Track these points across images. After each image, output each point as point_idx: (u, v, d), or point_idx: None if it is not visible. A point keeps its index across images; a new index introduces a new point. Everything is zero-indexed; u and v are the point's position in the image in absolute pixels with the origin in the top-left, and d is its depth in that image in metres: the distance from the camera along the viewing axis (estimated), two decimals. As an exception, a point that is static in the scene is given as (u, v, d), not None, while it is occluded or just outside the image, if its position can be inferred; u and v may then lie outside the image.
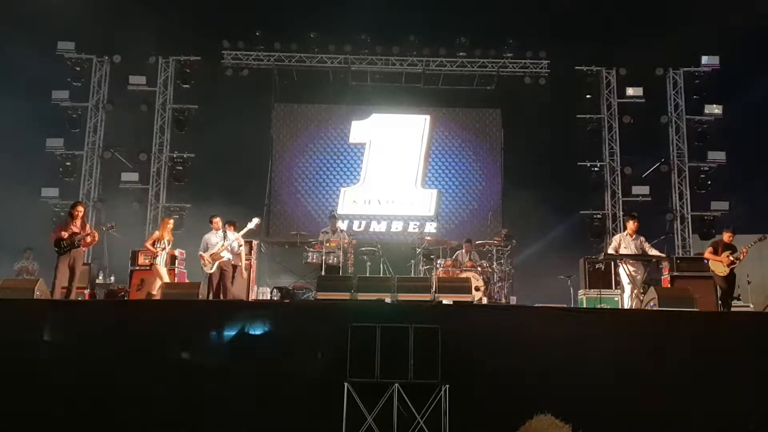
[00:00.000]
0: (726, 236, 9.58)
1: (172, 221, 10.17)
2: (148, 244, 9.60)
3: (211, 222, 9.69)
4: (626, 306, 9.32)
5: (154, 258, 9.52)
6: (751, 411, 6.73)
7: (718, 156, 14.15)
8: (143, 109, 14.46)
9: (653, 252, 9.65)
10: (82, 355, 6.86)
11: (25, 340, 6.93)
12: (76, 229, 8.80)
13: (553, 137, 14.27)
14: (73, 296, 8.74)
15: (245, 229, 9.65)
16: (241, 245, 9.75)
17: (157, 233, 9.72)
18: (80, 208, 9.06)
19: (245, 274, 9.96)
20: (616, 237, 10.02)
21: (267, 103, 15.29)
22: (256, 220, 9.74)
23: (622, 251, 9.52)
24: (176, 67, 14.69)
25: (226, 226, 9.61)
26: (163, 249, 9.53)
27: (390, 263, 11.08)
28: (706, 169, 14.27)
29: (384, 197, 15.07)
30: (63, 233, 8.70)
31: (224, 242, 9.46)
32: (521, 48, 15.05)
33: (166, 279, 9.48)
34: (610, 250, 9.73)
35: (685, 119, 14.62)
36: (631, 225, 9.74)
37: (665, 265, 10.23)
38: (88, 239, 8.93)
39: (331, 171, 15.25)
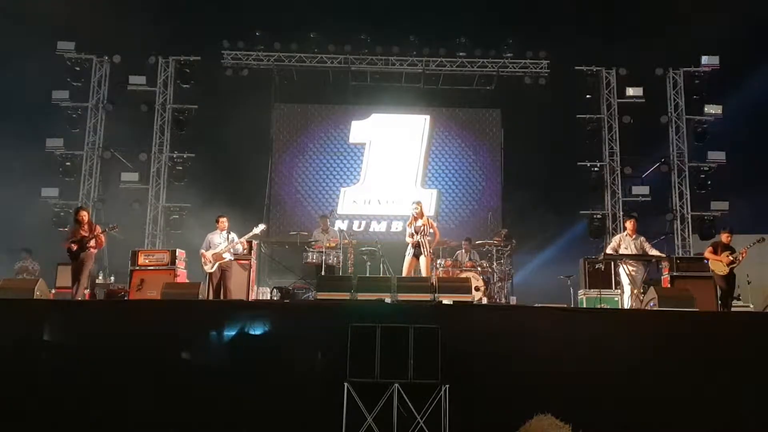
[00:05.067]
0: (724, 237, 9.59)
1: (418, 205, 9.77)
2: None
3: (217, 222, 9.72)
4: (626, 306, 9.32)
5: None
6: (751, 411, 6.73)
7: (718, 156, 14.12)
8: (143, 109, 14.45)
9: (653, 252, 9.65)
10: (82, 355, 6.86)
11: (25, 340, 6.93)
12: (84, 233, 8.95)
13: (553, 137, 14.27)
14: (80, 296, 8.86)
15: (250, 234, 9.69)
16: (243, 249, 9.77)
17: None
18: (83, 213, 9.21)
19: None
20: (616, 237, 10.03)
21: (267, 103, 15.29)
22: (262, 226, 9.80)
23: (622, 251, 9.52)
24: (176, 67, 14.67)
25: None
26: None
27: (390, 263, 11.07)
28: (706, 169, 14.25)
29: (384, 197, 15.07)
30: (72, 240, 8.91)
31: (227, 243, 9.49)
32: (521, 48, 15.05)
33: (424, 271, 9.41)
34: (609, 251, 9.74)
35: (685, 119, 14.60)
36: (630, 225, 9.74)
37: (665, 265, 10.22)
38: (93, 242, 8.99)
39: (331, 171, 15.26)
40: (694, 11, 12.72)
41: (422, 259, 9.58)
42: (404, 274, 9.49)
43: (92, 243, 8.98)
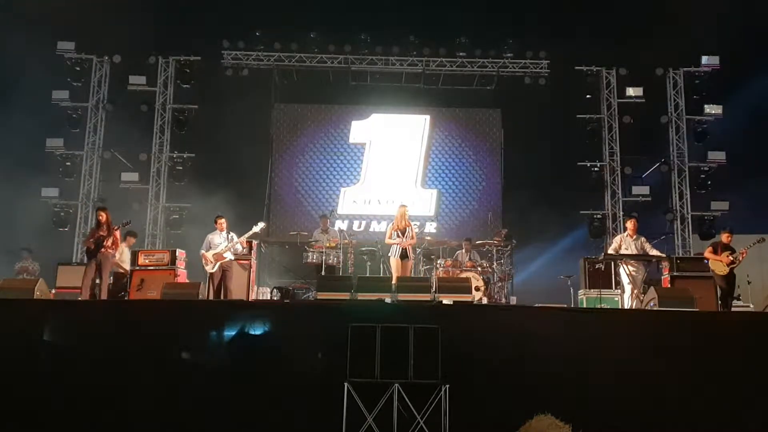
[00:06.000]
0: (724, 237, 9.59)
1: (405, 207, 9.98)
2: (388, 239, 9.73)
3: (215, 222, 9.71)
4: (626, 306, 9.32)
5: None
6: (751, 411, 6.73)
7: (718, 156, 14.12)
8: (143, 109, 14.46)
9: (654, 252, 9.65)
10: (82, 355, 6.87)
11: (25, 340, 6.93)
12: (103, 233, 9.04)
13: (553, 137, 14.28)
14: (104, 296, 8.97)
15: (250, 232, 9.68)
16: (243, 248, 9.77)
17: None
18: (101, 214, 9.30)
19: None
20: (617, 238, 10.03)
21: (267, 103, 15.29)
22: (261, 224, 9.79)
23: (623, 252, 9.52)
24: (176, 67, 14.68)
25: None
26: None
27: (390, 263, 11.07)
28: (706, 169, 14.25)
29: (384, 197, 15.06)
30: (91, 240, 9.04)
31: (228, 243, 9.48)
32: (521, 48, 15.04)
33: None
34: (610, 251, 9.74)
35: (685, 119, 14.61)
36: (631, 225, 9.75)
37: (665, 265, 10.21)
38: (109, 243, 9.02)
39: (331, 171, 15.25)
40: (694, 11, 12.71)
41: (408, 262, 9.59)
42: (395, 275, 9.44)
43: (108, 243, 9.02)
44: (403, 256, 9.54)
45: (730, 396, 6.76)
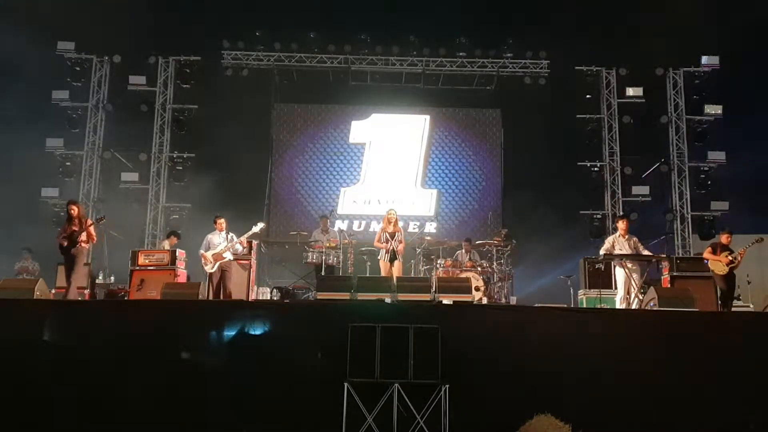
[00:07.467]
0: (724, 238, 9.59)
1: (394, 212, 10.12)
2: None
3: (215, 222, 9.72)
4: (618, 307, 9.31)
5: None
6: (751, 411, 6.73)
7: (718, 156, 14.15)
8: (143, 109, 14.46)
9: (646, 252, 9.64)
10: (82, 355, 6.86)
11: (25, 340, 6.93)
12: (75, 228, 8.82)
13: (553, 137, 14.29)
14: (72, 294, 8.71)
15: (249, 233, 9.68)
16: (243, 248, 9.77)
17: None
18: (73, 207, 9.00)
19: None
20: (609, 238, 9.94)
21: (267, 103, 15.30)
22: (261, 225, 9.80)
23: (617, 252, 9.50)
24: (176, 67, 14.69)
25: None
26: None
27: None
28: (706, 169, 14.27)
29: (384, 197, 15.07)
30: (63, 236, 8.79)
31: (227, 243, 9.48)
32: (521, 48, 15.06)
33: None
34: (602, 252, 9.68)
35: (685, 119, 14.62)
36: (622, 225, 9.70)
37: (665, 265, 10.20)
38: (83, 237, 8.85)
39: (331, 171, 15.27)
40: (694, 11, 12.71)
41: (396, 264, 9.68)
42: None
43: (83, 237, 8.81)
44: (392, 258, 9.65)
45: (730, 396, 6.75)
